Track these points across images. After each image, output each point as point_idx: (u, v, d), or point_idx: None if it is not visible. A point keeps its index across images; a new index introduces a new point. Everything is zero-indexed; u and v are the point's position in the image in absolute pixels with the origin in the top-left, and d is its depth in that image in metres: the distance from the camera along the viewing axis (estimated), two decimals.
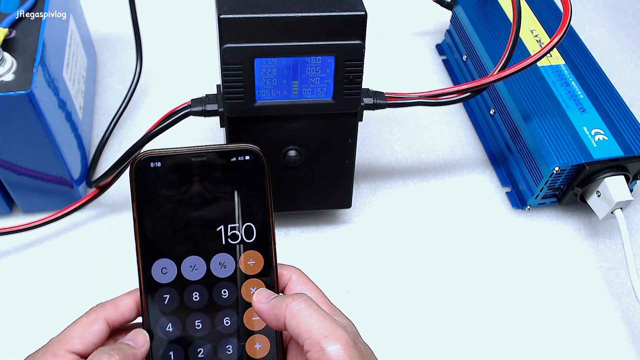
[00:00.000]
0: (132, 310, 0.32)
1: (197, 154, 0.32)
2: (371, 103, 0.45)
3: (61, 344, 0.30)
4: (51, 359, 0.30)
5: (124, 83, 0.61)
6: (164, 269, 0.32)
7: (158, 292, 0.32)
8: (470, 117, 0.61)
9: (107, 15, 0.66)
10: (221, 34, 0.38)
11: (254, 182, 0.32)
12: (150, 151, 0.32)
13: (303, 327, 0.29)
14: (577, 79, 0.54)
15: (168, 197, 0.32)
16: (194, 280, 0.32)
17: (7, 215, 0.50)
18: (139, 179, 0.32)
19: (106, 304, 0.32)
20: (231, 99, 0.40)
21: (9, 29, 0.44)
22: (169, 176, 0.32)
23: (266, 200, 0.33)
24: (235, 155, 0.32)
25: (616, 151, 0.48)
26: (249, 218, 0.32)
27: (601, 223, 0.53)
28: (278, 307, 0.30)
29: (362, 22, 0.38)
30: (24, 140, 0.43)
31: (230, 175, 0.32)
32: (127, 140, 0.56)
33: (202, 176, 0.32)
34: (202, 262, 0.32)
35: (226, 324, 0.32)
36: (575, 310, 0.48)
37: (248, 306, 0.32)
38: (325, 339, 0.28)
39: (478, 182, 0.55)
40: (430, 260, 0.50)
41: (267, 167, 0.32)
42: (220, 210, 0.32)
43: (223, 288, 0.32)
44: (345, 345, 0.28)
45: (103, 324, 0.31)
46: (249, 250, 0.33)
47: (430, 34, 0.69)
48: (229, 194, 0.32)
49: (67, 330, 0.31)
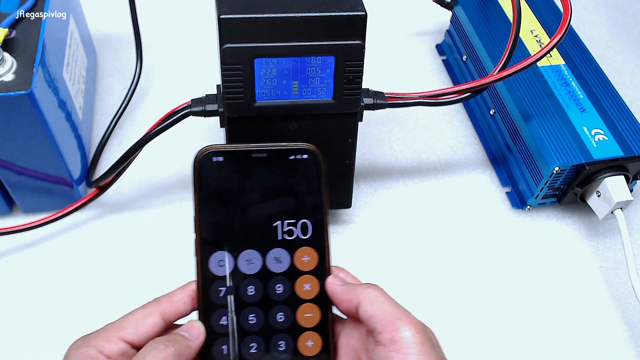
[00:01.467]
0: (187, 304, 0.33)
1: (258, 150, 0.33)
2: (371, 103, 0.45)
3: (115, 331, 0.31)
4: (103, 344, 0.30)
5: (124, 83, 0.61)
6: (221, 261, 0.33)
7: (214, 284, 0.33)
8: (470, 117, 0.61)
9: (107, 15, 0.66)
10: (221, 34, 0.38)
11: (311, 180, 0.33)
12: (213, 146, 0.33)
13: (377, 310, 0.30)
14: (577, 79, 0.54)
15: (228, 191, 0.33)
16: (250, 274, 0.33)
17: (7, 215, 0.50)
18: (201, 172, 0.33)
19: (161, 299, 0.33)
20: (231, 99, 0.40)
21: (9, 29, 0.44)
22: (230, 171, 0.33)
23: (322, 198, 0.34)
24: (293, 154, 0.33)
25: (616, 151, 0.48)
26: (305, 215, 0.33)
27: (601, 223, 0.53)
28: (353, 290, 0.31)
29: (362, 22, 0.38)
30: (24, 140, 0.43)
31: (288, 173, 0.33)
32: (127, 140, 0.56)
33: (261, 172, 0.33)
34: (259, 256, 0.33)
35: (279, 320, 0.33)
36: (575, 310, 0.48)
37: (301, 302, 0.33)
38: (399, 320, 0.29)
39: (478, 182, 0.55)
40: (430, 260, 0.50)
41: (323, 166, 0.34)
42: (277, 206, 0.33)
43: (278, 283, 0.33)
44: (417, 329, 0.29)
45: (158, 317, 0.32)
46: (304, 246, 0.33)
47: (430, 34, 0.69)
48: (286, 191, 0.33)
49: (123, 319, 0.32)
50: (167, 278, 0.47)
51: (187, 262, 0.48)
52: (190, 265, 0.50)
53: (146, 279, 0.47)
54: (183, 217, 0.51)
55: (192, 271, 0.33)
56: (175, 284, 0.47)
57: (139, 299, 0.46)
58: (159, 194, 0.53)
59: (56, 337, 0.44)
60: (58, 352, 0.43)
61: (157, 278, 0.47)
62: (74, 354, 0.30)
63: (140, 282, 0.47)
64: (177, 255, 0.49)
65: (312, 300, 0.33)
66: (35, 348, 0.44)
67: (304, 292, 0.33)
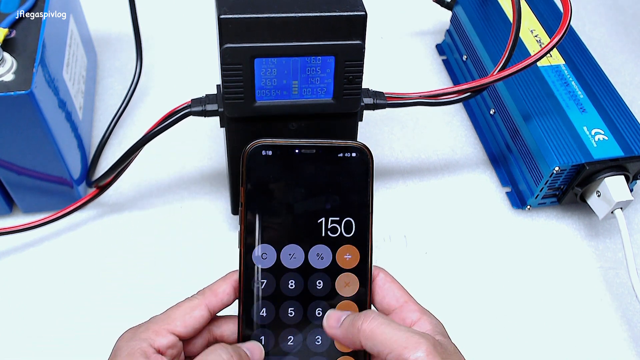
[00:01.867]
0: (230, 295, 0.33)
1: (307, 146, 0.33)
2: (371, 103, 0.45)
3: (164, 324, 0.31)
4: (153, 336, 0.31)
5: (124, 83, 0.61)
6: (265, 254, 0.33)
7: (256, 276, 0.33)
8: (470, 117, 0.61)
9: (107, 15, 0.66)
10: (221, 34, 0.38)
11: (358, 179, 0.34)
12: (263, 140, 0.33)
13: (380, 344, 0.30)
14: (577, 79, 0.54)
15: (275, 185, 0.33)
16: (292, 268, 0.33)
17: (7, 215, 0.50)
18: (249, 165, 0.33)
19: (205, 291, 0.33)
20: (231, 99, 0.40)
21: (9, 29, 0.44)
22: (278, 165, 0.33)
23: (368, 198, 0.34)
24: (342, 151, 0.34)
25: (616, 151, 0.48)
26: (350, 213, 0.34)
27: (601, 223, 0.53)
28: (350, 331, 0.31)
29: (362, 22, 0.38)
30: (24, 140, 0.43)
31: (336, 170, 0.33)
32: (127, 140, 0.56)
33: (309, 168, 0.33)
34: (301, 251, 0.33)
35: (317, 315, 0.33)
36: (575, 310, 0.48)
37: (340, 299, 0.33)
38: (406, 350, 0.29)
39: (478, 182, 0.55)
40: (430, 260, 0.50)
41: (371, 166, 0.34)
42: (322, 202, 0.33)
43: (318, 279, 0.33)
44: (427, 351, 0.29)
45: (205, 310, 0.32)
46: (346, 244, 0.33)
47: (430, 34, 0.69)
48: (332, 188, 0.33)
49: (170, 311, 0.32)
50: (167, 278, 0.47)
51: (187, 262, 0.48)
52: (190, 265, 0.50)
53: (146, 279, 0.47)
54: (183, 217, 0.51)
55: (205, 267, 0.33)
56: (175, 283, 0.48)
57: (139, 299, 0.46)
58: (159, 194, 0.53)
59: (56, 337, 0.44)
60: (58, 352, 0.43)
61: (157, 278, 0.47)
62: (125, 346, 0.31)
63: (140, 282, 0.47)
64: (177, 255, 0.49)
65: (351, 298, 0.33)
66: (35, 348, 0.44)
67: (344, 290, 0.33)
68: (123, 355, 0.30)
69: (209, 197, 0.53)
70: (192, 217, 0.51)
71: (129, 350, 0.30)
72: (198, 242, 0.49)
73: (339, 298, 0.33)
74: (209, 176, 0.54)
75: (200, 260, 0.48)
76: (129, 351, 0.30)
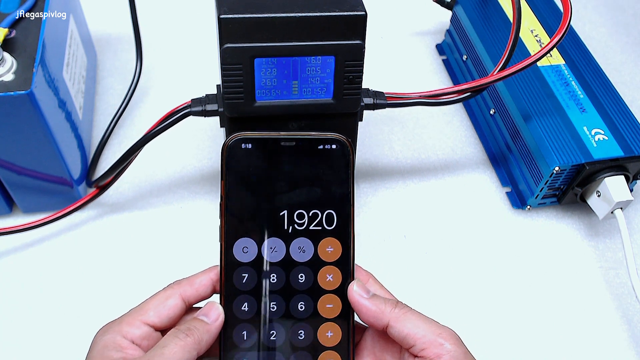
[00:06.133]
0: (207, 287, 0.33)
1: (287, 139, 0.33)
2: (371, 103, 0.45)
3: (137, 315, 0.31)
4: (126, 328, 0.31)
5: (124, 83, 0.61)
6: (245, 248, 0.33)
7: (237, 270, 0.33)
8: (470, 117, 0.61)
9: (107, 15, 0.66)
10: (221, 34, 0.38)
11: (339, 171, 0.33)
12: (243, 133, 0.33)
13: (412, 329, 0.31)
14: (577, 79, 0.54)
15: (255, 178, 0.33)
16: (273, 262, 0.33)
17: (7, 215, 0.50)
18: (229, 158, 0.33)
19: (182, 281, 0.33)
20: (231, 99, 0.40)
21: (9, 29, 0.44)
22: (258, 158, 0.33)
23: (349, 190, 0.34)
24: (322, 143, 0.33)
25: (616, 151, 0.48)
26: (331, 205, 0.33)
27: (601, 223, 0.53)
28: (381, 308, 0.32)
29: (362, 22, 0.38)
30: (24, 140, 0.43)
31: (316, 162, 0.33)
32: (127, 140, 0.56)
33: (290, 161, 0.33)
34: (282, 245, 0.33)
35: (300, 309, 0.33)
36: (576, 310, 0.48)
37: (323, 293, 0.33)
38: (440, 336, 0.31)
39: (478, 182, 0.55)
40: (430, 260, 0.50)
41: (352, 158, 0.34)
42: (303, 195, 0.33)
43: (300, 272, 0.33)
44: (458, 342, 0.31)
45: (179, 299, 0.32)
46: (328, 237, 0.33)
47: (430, 34, 0.69)
48: (313, 180, 0.33)
49: (144, 303, 0.32)
50: (167, 278, 0.47)
51: (187, 261, 0.48)
52: (190, 265, 0.50)
53: (146, 279, 0.47)
54: (183, 217, 0.51)
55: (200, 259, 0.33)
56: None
57: (139, 299, 0.46)
58: (159, 194, 0.53)
59: (56, 337, 0.44)
60: (58, 352, 0.43)
61: (157, 278, 0.47)
62: (100, 340, 0.31)
63: (140, 282, 0.47)
64: (177, 255, 0.49)
65: (334, 292, 0.33)
66: (35, 348, 0.44)
67: (327, 283, 0.33)
68: (98, 348, 0.30)
69: (209, 197, 0.53)
70: (192, 217, 0.51)
71: (102, 343, 0.30)
72: (198, 242, 0.50)
73: (322, 291, 0.33)
74: (209, 176, 0.54)
75: (200, 260, 0.48)
76: (102, 344, 0.30)
